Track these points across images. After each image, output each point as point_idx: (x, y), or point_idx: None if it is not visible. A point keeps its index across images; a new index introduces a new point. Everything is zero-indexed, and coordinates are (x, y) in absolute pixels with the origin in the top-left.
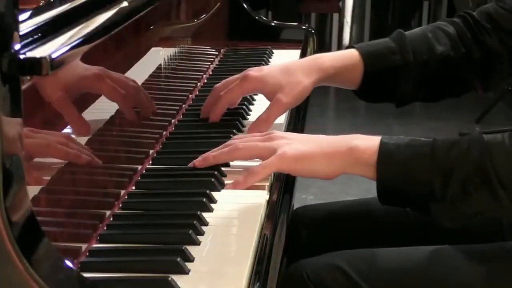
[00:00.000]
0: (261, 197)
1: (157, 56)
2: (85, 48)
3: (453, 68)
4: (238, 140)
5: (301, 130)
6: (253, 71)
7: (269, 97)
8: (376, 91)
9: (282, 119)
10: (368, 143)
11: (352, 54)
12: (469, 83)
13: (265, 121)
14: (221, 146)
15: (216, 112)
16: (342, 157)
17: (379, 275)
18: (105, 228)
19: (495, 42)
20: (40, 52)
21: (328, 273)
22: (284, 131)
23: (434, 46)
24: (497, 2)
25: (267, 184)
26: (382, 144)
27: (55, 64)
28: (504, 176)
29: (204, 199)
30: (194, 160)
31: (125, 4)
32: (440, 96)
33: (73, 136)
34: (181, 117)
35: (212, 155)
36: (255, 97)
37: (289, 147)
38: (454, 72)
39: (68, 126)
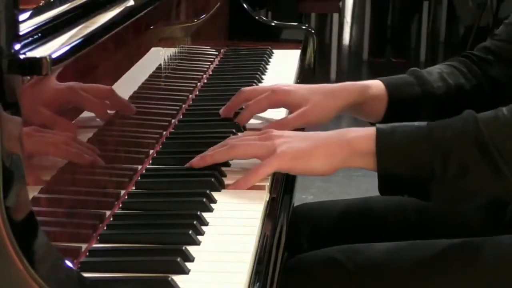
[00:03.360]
0: (261, 197)
1: (157, 56)
2: (85, 48)
3: (468, 101)
4: (235, 139)
5: (301, 129)
6: (282, 85)
7: (293, 111)
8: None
9: (283, 116)
10: (365, 133)
11: (378, 84)
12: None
13: (285, 125)
14: (217, 145)
15: (242, 119)
16: (340, 151)
17: (376, 267)
18: (105, 228)
19: (497, 72)
20: (40, 52)
21: (326, 266)
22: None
23: (447, 80)
24: (491, 37)
25: (267, 184)
26: (379, 132)
27: (55, 64)
28: (503, 149)
29: (204, 199)
30: (191, 161)
31: (125, 4)
32: None
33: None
34: (181, 117)
35: (209, 155)
36: None
37: (287, 146)
38: (469, 104)
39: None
